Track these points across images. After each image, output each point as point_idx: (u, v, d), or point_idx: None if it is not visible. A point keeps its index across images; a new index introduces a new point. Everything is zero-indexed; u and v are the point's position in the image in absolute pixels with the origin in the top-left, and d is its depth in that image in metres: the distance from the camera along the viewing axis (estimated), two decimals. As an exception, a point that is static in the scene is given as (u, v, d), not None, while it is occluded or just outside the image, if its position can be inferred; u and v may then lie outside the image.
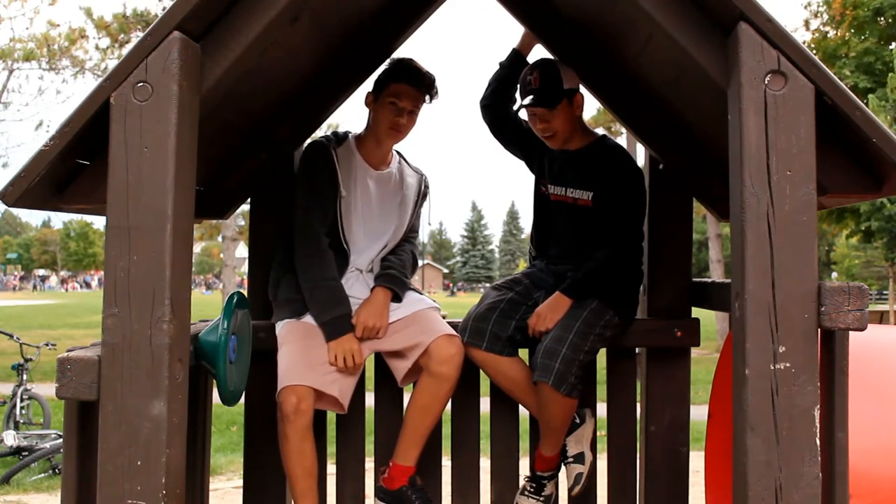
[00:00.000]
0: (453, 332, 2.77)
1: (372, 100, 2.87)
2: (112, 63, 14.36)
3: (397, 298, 2.83)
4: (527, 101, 2.81)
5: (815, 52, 15.62)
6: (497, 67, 3.10)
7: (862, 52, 17.00)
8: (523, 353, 2.95)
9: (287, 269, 2.83)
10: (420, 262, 3.14)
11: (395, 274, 2.85)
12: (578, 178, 2.91)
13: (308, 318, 2.75)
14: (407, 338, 2.76)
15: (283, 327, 2.77)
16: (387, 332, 2.78)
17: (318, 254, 2.75)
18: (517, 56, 3.07)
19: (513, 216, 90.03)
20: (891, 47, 14.66)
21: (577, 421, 2.90)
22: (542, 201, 3.06)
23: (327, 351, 2.69)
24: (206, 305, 23.78)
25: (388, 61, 2.90)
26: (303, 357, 2.66)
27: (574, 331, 2.73)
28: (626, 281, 2.91)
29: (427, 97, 2.87)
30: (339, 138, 2.90)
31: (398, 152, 3.03)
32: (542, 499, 2.92)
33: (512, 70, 3.05)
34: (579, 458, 2.88)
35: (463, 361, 2.76)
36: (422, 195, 3.04)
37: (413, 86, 2.81)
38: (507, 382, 2.87)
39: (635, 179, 2.87)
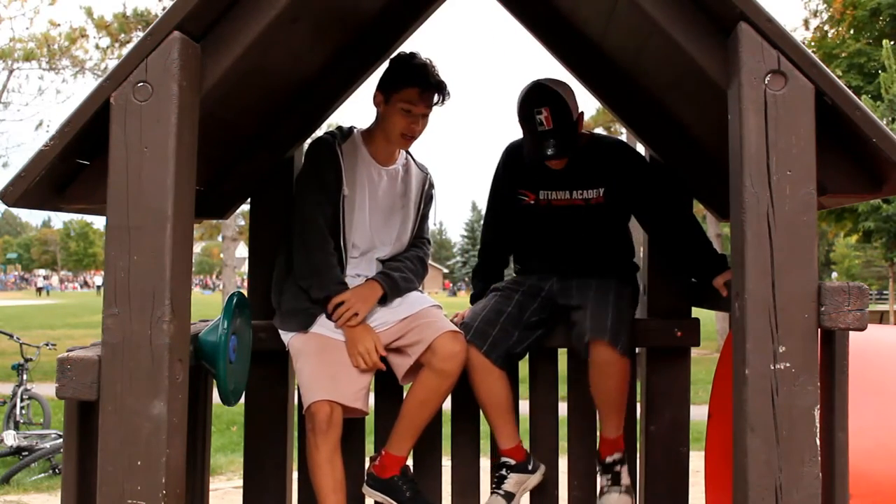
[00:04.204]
0: (457, 330, 2.77)
1: (382, 100, 2.79)
2: (112, 63, 14.36)
3: (384, 299, 2.79)
4: (547, 152, 2.70)
5: (814, 51, 15.60)
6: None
7: (854, 52, 17.02)
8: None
9: (289, 274, 2.82)
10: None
11: (393, 275, 2.82)
12: (585, 178, 2.89)
13: (316, 329, 2.74)
14: (410, 335, 2.76)
15: (293, 340, 2.76)
16: (387, 330, 2.77)
17: (322, 251, 2.73)
18: None
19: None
20: (891, 43, 14.62)
21: (530, 468, 2.89)
22: (532, 212, 2.95)
23: (348, 356, 2.70)
24: (206, 305, 23.77)
25: (397, 58, 2.82)
26: (325, 371, 2.68)
27: (611, 303, 2.79)
28: (630, 256, 3.04)
29: (442, 99, 2.80)
30: (344, 134, 2.86)
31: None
32: (623, 489, 2.89)
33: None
34: (509, 496, 2.85)
35: (466, 359, 2.76)
36: (426, 195, 2.98)
37: (428, 91, 2.74)
38: (487, 394, 2.83)
39: (648, 164, 2.97)
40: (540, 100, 2.72)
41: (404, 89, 2.73)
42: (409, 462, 2.92)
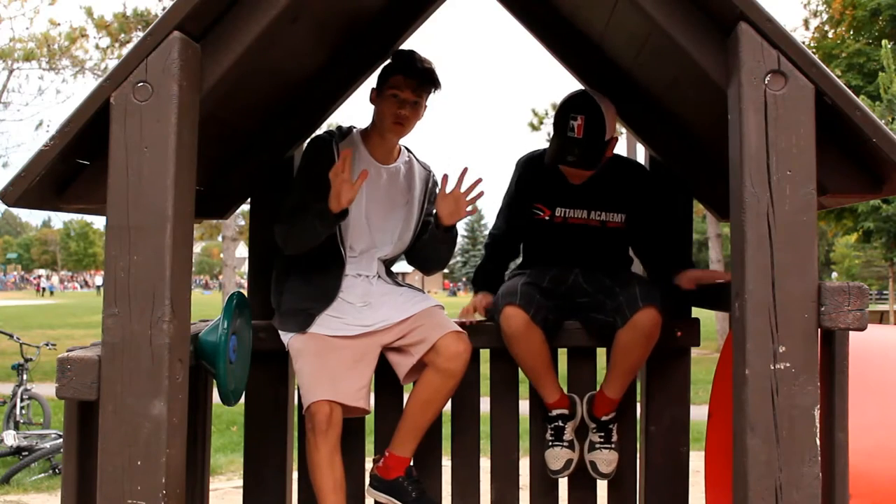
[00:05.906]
0: (461, 329, 2.78)
1: (375, 95, 2.84)
2: (112, 63, 14.36)
3: (448, 233, 2.83)
4: (568, 158, 2.71)
5: (814, 51, 15.60)
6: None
7: (854, 52, 17.04)
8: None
9: (289, 274, 2.82)
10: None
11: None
12: (604, 199, 2.92)
13: (316, 329, 2.74)
14: (413, 334, 2.76)
15: (293, 340, 2.75)
16: (389, 330, 2.78)
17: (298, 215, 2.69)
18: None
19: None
20: (890, 44, 14.62)
21: (576, 412, 2.99)
22: (545, 227, 2.96)
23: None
24: (206, 305, 23.77)
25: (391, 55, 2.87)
26: (324, 371, 2.67)
27: (643, 281, 2.87)
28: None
29: (431, 87, 2.82)
30: (342, 133, 2.87)
31: (406, 147, 2.99)
32: (613, 446, 2.95)
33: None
34: (573, 445, 2.96)
35: (469, 358, 2.76)
36: (430, 193, 2.98)
37: (412, 77, 2.77)
38: (529, 352, 2.85)
39: (667, 187, 3.00)
40: (579, 107, 2.74)
41: (391, 77, 2.79)
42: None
